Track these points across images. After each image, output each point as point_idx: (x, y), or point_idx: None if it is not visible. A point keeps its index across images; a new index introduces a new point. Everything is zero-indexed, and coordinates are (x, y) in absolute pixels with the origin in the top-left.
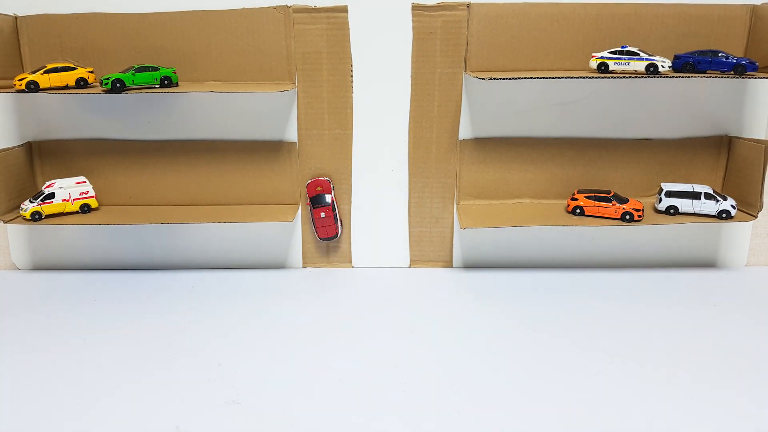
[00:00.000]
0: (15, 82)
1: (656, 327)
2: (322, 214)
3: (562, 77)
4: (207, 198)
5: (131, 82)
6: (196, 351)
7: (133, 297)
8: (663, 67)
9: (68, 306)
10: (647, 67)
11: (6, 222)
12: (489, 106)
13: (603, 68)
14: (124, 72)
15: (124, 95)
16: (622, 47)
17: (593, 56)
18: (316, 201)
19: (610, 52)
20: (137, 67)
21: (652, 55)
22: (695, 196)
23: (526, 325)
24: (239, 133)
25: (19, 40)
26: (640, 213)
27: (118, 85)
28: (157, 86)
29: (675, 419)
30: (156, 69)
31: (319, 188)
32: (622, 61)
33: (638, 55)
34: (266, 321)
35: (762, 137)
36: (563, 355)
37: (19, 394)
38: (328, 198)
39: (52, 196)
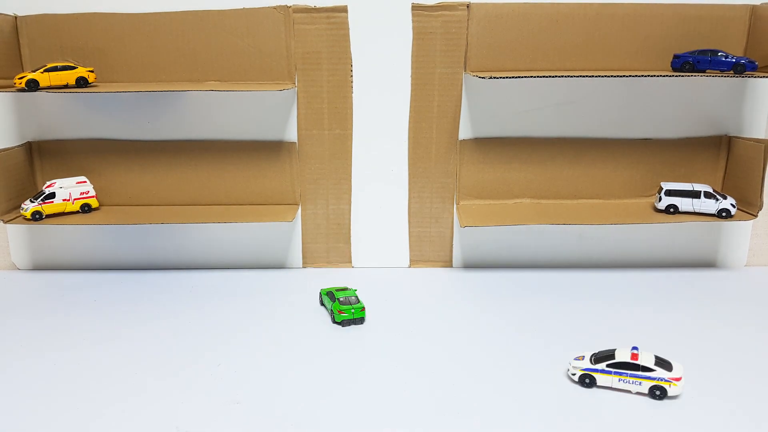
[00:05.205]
0: (15, 81)
1: (655, 327)
2: None
3: (562, 76)
4: (207, 198)
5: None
6: (195, 351)
7: (133, 297)
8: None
9: (68, 306)
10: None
11: (6, 222)
12: (489, 106)
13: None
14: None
15: (125, 94)
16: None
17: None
18: None
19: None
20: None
21: None
22: (695, 194)
23: (527, 325)
24: (239, 133)
25: (19, 39)
26: None
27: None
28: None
29: (674, 419)
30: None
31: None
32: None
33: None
34: (266, 321)
35: (762, 136)
36: (563, 355)
37: (18, 394)
38: None
39: (52, 195)
